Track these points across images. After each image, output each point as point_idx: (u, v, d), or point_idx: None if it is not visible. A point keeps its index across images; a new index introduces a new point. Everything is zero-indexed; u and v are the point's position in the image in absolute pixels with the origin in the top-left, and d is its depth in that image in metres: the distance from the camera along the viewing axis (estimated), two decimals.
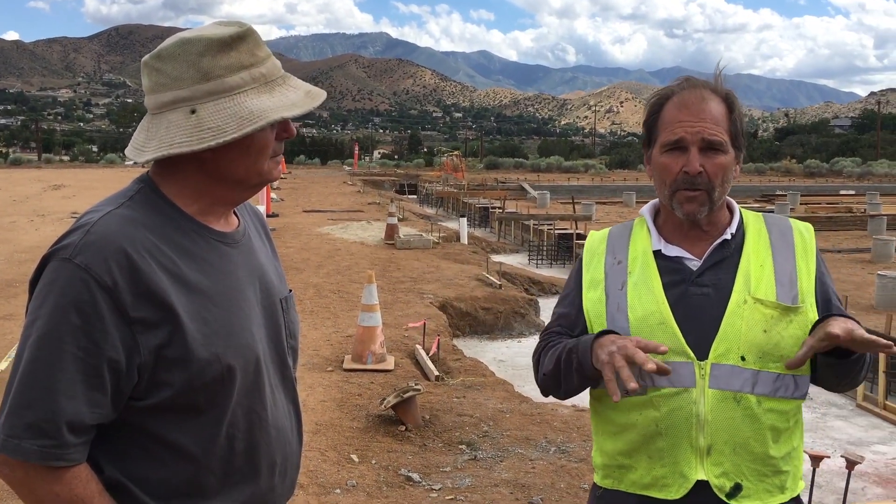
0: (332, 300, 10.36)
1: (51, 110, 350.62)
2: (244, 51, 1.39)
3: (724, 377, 1.67)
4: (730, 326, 1.68)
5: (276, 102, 1.39)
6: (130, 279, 1.30)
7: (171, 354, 1.33)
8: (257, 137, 1.40)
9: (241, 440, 1.45)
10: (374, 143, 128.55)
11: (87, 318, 1.27)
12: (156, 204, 1.41)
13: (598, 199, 32.39)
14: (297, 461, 1.62)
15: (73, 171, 45.28)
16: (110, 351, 1.29)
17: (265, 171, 1.45)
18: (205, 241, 1.44)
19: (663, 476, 1.72)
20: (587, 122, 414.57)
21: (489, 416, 6.00)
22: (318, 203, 25.97)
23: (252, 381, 1.46)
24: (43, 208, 22.05)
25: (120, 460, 1.37)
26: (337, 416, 5.81)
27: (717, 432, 1.67)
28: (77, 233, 1.32)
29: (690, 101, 1.72)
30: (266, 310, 1.53)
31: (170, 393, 1.34)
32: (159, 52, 1.40)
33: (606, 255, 1.86)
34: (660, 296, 1.73)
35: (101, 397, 1.29)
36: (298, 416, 1.63)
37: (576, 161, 61.79)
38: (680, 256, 1.78)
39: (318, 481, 4.66)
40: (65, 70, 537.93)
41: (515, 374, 9.09)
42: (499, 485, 4.76)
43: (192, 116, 1.36)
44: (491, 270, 12.98)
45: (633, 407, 1.74)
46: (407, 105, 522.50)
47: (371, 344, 7.24)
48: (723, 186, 1.73)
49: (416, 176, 47.13)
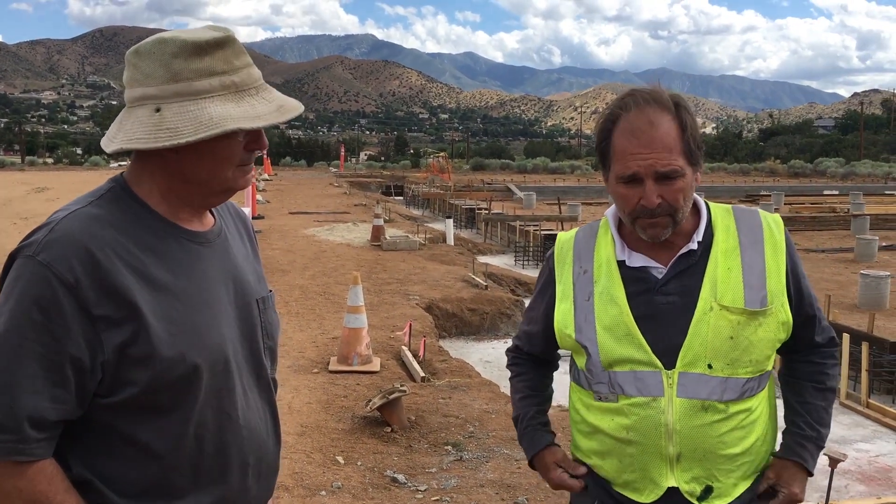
0: (318, 302, 10.33)
1: (34, 112, 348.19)
2: (219, 57, 1.39)
3: (691, 386, 1.68)
4: (695, 335, 1.68)
5: (239, 112, 1.38)
6: (93, 276, 1.31)
7: (135, 353, 1.34)
8: (219, 145, 1.39)
9: (211, 441, 1.45)
10: (360, 145, 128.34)
11: (49, 315, 1.29)
12: (125, 202, 1.42)
13: (584, 200, 32.44)
14: (273, 463, 1.61)
15: (57, 174, 44.97)
16: (72, 348, 1.30)
17: (228, 179, 1.45)
18: (174, 240, 1.44)
19: (633, 480, 1.75)
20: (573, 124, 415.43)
21: (475, 417, 6.00)
22: (304, 205, 25.90)
23: (221, 382, 1.45)
24: (26, 211, 21.88)
25: (88, 458, 1.37)
26: (322, 418, 5.79)
27: (686, 440, 1.68)
28: (42, 230, 1.35)
29: (639, 129, 1.65)
30: (240, 310, 1.53)
31: (135, 391, 1.35)
32: (138, 48, 1.42)
33: (574, 263, 1.84)
34: (624, 307, 1.72)
35: (63, 394, 1.30)
36: (275, 417, 1.63)
37: (562, 162, 61.88)
38: (645, 266, 1.75)
39: (304, 483, 4.65)
40: (48, 72, 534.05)
41: (501, 374, 9.09)
42: (484, 485, 4.76)
43: (155, 115, 1.37)
44: (477, 271, 12.99)
45: (605, 412, 1.76)
46: (393, 107, 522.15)
47: (357, 345, 7.22)
48: (686, 204, 1.70)
49: (402, 177, 47.08)
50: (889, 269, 13.21)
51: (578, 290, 1.80)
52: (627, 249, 1.78)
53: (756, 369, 1.71)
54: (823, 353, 1.85)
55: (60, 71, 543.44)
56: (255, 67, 1.45)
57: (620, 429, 1.73)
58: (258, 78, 1.44)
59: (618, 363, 1.72)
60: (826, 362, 1.85)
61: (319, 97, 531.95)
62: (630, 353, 1.71)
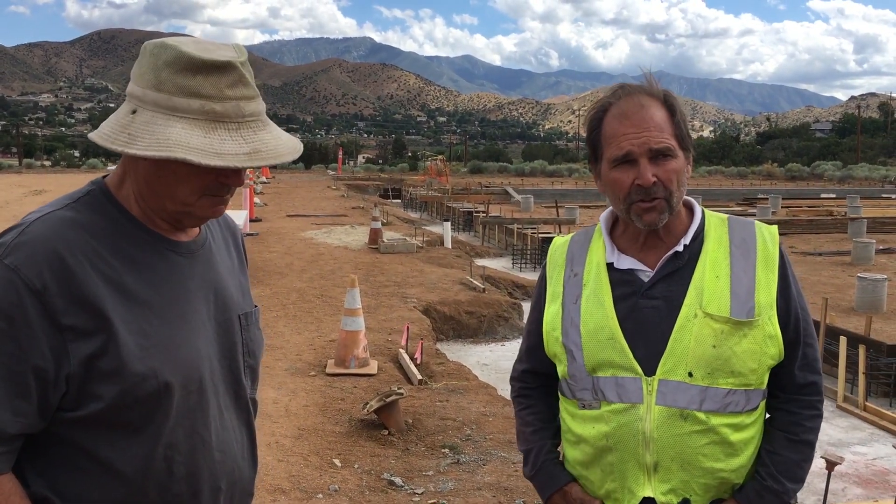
0: (316, 304, 10.32)
1: (32, 115, 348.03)
2: (210, 81, 1.29)
3: (670, 393, 1.64)
4: (677, 342, 1.65)
5: (200, 143, 1.26)
6: (63, 284, 1.24)
7: (103, 366, 1.27)
8: (173, 166, 1.30)
9: (181, 463, 1.37)
10: (358, 148, 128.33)
11: (13, 321, 1.22)
12: (104, 207, 1.35)
13: (582, 203, 32.46)
14: (248, 488, 1.54)
15: (54, 177, 44.94)
16: (37, 358, 1.23)
17: (190, 205, 1.35)
18: (153, 249, 1.37)
19: (614, 490, 1.73)
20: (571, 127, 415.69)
21: (472, 420, 6.00)
22: (302, 207, 25.90)
23: (195, 401, 1.38)
24: (23, 213, 21.75)
25: (48, 475, 1.30)
26: (320, 421, 5.78)
27: (664, 449, 1.65)
28: (12, 232, 1.27)
29: (630, 111, 1.66)
30: (220, 325, 1.46)
31: (101, 406, 1.28)
32: (147, 44, 1.39)
33: (566, 266, 1.83)
34: (609, 310, 1.71)
35: (25, 405, 1.23)
36: (252, 440, 1.56)
37: (559, 165, 61.88)
38: (632, 269, 1.73)
39: (301, 486, 4.64)
40: (46, 74, 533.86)
41: (499, 377, 9.08)
42: (482, 488, 4.76)
43: (129, 115, 1.31)
44: (475, 274, 12.98)
45: (587, 420, 1.74)
46: (391, 109, 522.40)
47: (354, 348, 7.22)
48: (679, 190, 1.68)
49: (400, 180, 47.06)
50: (886, 272, 13.24)
51: (567, 292, 1.79)
52: (617, 252, 1.76)
53: (740, 382, 1.64)
54: (801, 402, 1.73)
55: (58, 73, 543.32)
56: (256, 103, 1.34)
57: (601, 437, 1.70)
58: (251, 114, 1.33)
59: (601, 368, 1.70)
60: (803, 412, 1.72)
61: (317, 100, 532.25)
62: (612, 358, 1.68)
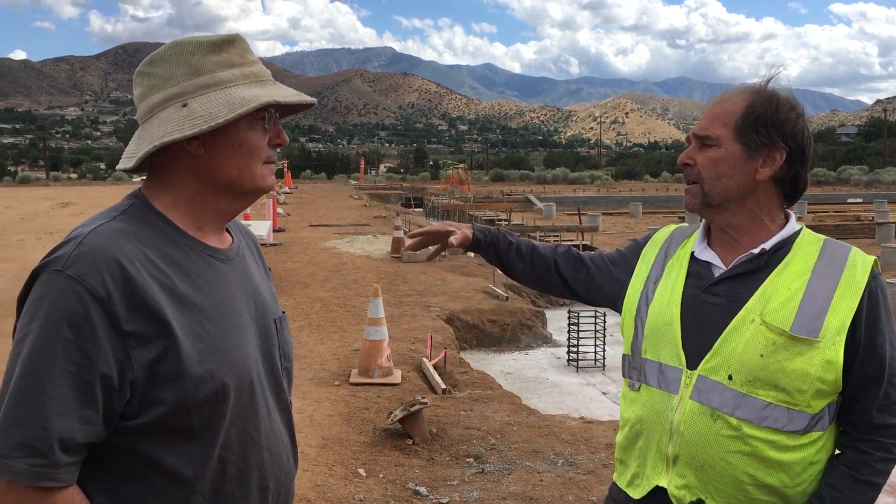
0: (339, 314, 10.35)
1: (59, 128, 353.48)
2: (234, 52, 1.42)
3: (706, 391, 1.63)
4: (726, 342, 1.63)
5: (266, 93, 1.41)
6: (124, 291, 1.26)
7: (164, 370, 1.28)
8: (248, 137, 1.40)
9: (234, 463, 1.39)
10: (379, 157, 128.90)
11: (80, 331, 1.23)
12: (148, 218, 1.39)
13: (605, 211, 32.36)
14: (291, 487, 1.57)
15: (80, 189, 45.51)
16: (103, 366, 1.24)
17: (258, 176, 1.44)
18: (198, 256, 1.41)
19: (637, 475, 1.75)
20: (593, 134, 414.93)
21: (497, 429, 5.98)
22: (325, 217, 26.02)
23: (246, 402, 1.41)
24: (51, 226, 22.15)
25: (110, 486, 1.31)
26: (344, 431, 5.79)
27: (685, 445, 1.65)
28: (68, 245, 1.29)
29: (712, 100, 1.76)
30: (260, 329, 1.50)
31: (162, 411, 1.29)
32: (151, 57, 1.42)
33: (661, 248, 1.88)
34: (676, 297, 1.73)
35: (93, 414, 1.24)
36: (293, 440, 1.59)
37: (582, 172, 61.82)
38: (710, 262, 1.75)
39: (326, 496, 4.65)
40: (72, 88, 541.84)
41: (523, 386, 9.06)
42: (507, 498, 4.74)
43: (183, 109, 1.36)
44: (497, 283, 12.96)
45: (630, 402, 1.79)
46: (412, 118, 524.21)
47: (378, 357, 7.22)
48: (717, 181, 1.68)
49: (421, 189, 47.19)
50: None
51: (652, 272, 1.84)
52: (705, 244, 1.79)
53: (782, 399, 1.58)
54: (876, 444, 1.63)
55: (84, 87, 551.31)
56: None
57: (637, 420, 1.75)
58: (270, 74, 1.48)
59: (651, 350, 1.74)
60: (874, 453, 1.62)
61: (339, 110, 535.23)
62: (663, 343, 1.71)
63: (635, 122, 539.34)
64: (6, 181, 55.41)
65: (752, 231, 1.71)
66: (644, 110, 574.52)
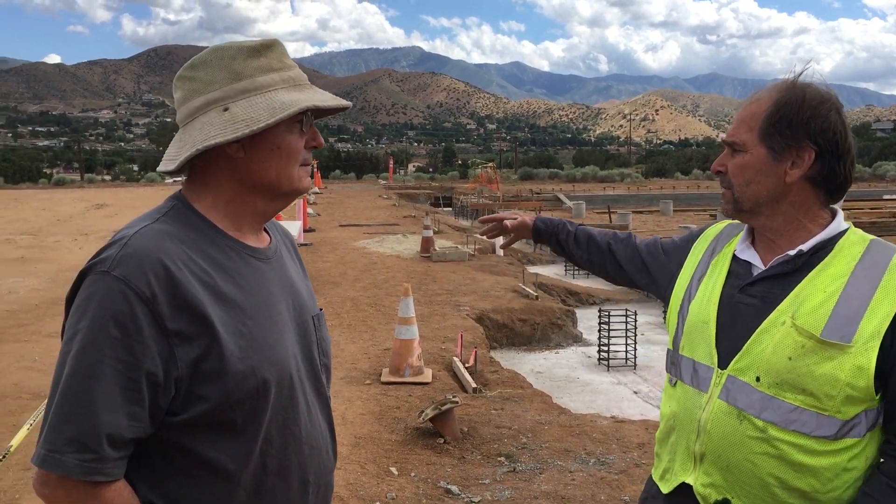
0: (370, 313, 10.40)
1: (92, 131, 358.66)
2: (273, 57, 1.46)
3: (734, 391, 1.63)
4: (755, 343, 1.62)
5: (306, 96, 1.45)
6: (168, 290, 1.30)
7: (207, 367, 1.32)
8: (287, 140, 1.44)
9: (275, 457, 1.43)
10: (408, 157, 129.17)
11: (127, 330, 1.27)
12: (189, 219, 1.42)
13: (635, 209, 32.11)
14: (330, 481, 1.61)
15: (114, 191, 46.14)
16: (149, 364, 1.28)
17: (295, 178, 1.48)
18: (238, 256, 1.44)
19: (668, 470, 1.78)
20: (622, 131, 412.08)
21: (528, 428, 5.98)
22: (354, 217, 26.13)
23: (286, 398, 1.44)
24: (86, 227, 22.50)
25: (155, 480, 1.35)
26: (376, 429, 5.83)
27: (711, 444, 1.65)
28: (114, 247, 1.33)
29: (744, 101, 1.74)
30: (299, 326, 1.53)
31: (206, 407, 1.33)
32: (192, 62, 1.46)
33: (710, 244, 1.88)
34: (714, 296, 1.73)
35: (139, 411, 1.28)
36: (333, 434, 1.62)
37: (611, 170, 61.35)
38: (749, 262, 1.74)
39: (359, 494, 4.68)
40: (105, 91, 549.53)
41: (553, 385, 9.04)
42: (538, 497, 4.74)
43: (224, 114, 1.40)
44: (527, 282, 12.94)
45: (668, 398, 1.82)
46: (441, 118, 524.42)
47: (408, 357, 7.26)
48: (746, 187, 1.66)
49: (450, 188, 47.16)
50: None
51: (699, 268, 1.85)
52: (747, 243, 1.78)
53: (810, 403, 1.55)
54: None
55: (117, 90, 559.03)
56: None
57: (671, 416, 1.77)
58: (306, 78, 1.51)
59: (687, 347, 1.75)
60: None
61: (368, 110, 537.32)
62: (699, 341, 1.72)
63: (665, 120, 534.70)
64: (42, 183, 56.35)
65: (790, 233, 1.68)
66: (674, 107, 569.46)
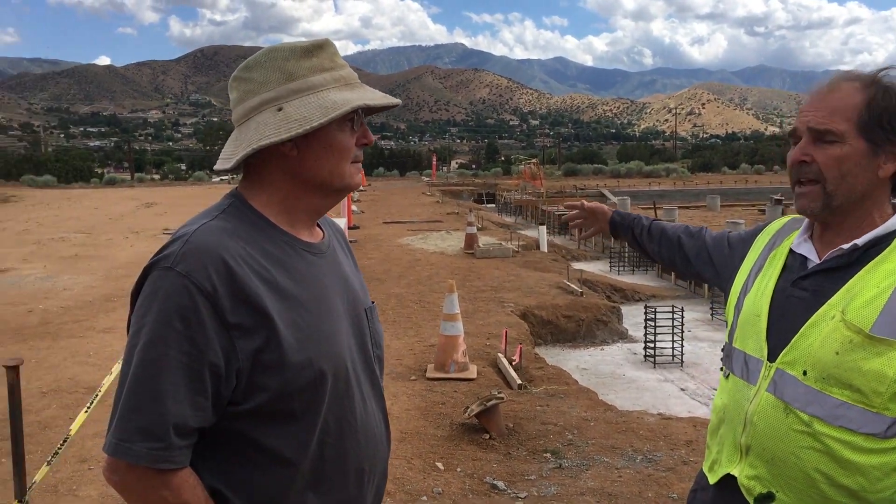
0: (414, 310, 10.46)
1: (141, 131, 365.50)
2: (324, 57, 1.50)
3: (781, 385, 1.61)
4: (804, 337, 1.60)
5: (357, 95, 1.48)
6: (228, 285, 1.34)
7: (266, 359, 1.36)
8: (338, 139, 1.48)
9: (332, 447, 1.47)
10: (451, 154, 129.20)
11: (190, 323, 1.31)
12: (246, 216, 1.47)
13: (681, 204, 31.74)
14: (385, 470, 1.65)
15: (163, 189, 47.02)
16: (211, 355, 1.33)
17: (346, 175, 1.51)
18: (293, 251, 1.49)
19: (716, 461, 1.77)
20: (668, 126, 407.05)
21: (573, 425, 5.96)
22: (398, 214, 26.26)
23: (343, 388, 1.48)
24: (137, 225, 22.98)
25: (219, 467, 1.40)
26: (421, 425, 5.87)
27: (757, 436, 1.64)
28: (176, 243, 1.38)
29: (816, 90, 1.64)
30: (353, 318, 1.57)
31: (266, 397, 1.38)
32: (247, 63, 1.50)
33: (770, 238, 1.86)
34: (768, 289, 1.71)
35: (203, 401, 1.33)
36: (387, 424, 1.66)
37: (656, 165, 60.67)
38: (805, 256, 1.71)
39: (405, 489, 4.73)
40: (154, 92, 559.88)
41: (599, 382, 9.00)
42: (585, 493, 4.73)
43: (278, 113, 1.44)
44: (572, 278, 12.89)
45: (721, 390, 1.81)
46: (483, 114, 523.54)
47: (453, 353, 7.29)
48: (842, 181, 1.59)
49: (493, 185, 47.13)
50: None
51: (757, 262, 1.83)
52: (804, 237, 1.74)
53: (857, 399, 1.52)
54: None
55: (165, 90, 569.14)
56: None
57: (721, 408, 1.77)
58: (357, 77, 1.54)
59: (739, 340, 1.74)
60: None
61: (410, 107, 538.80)
62: (750, 334, 1.71)
63: (712, 113, 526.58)
64: (94, 183, 57.70)
65: (859, 228, 1.64)
66: (721, 100, 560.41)
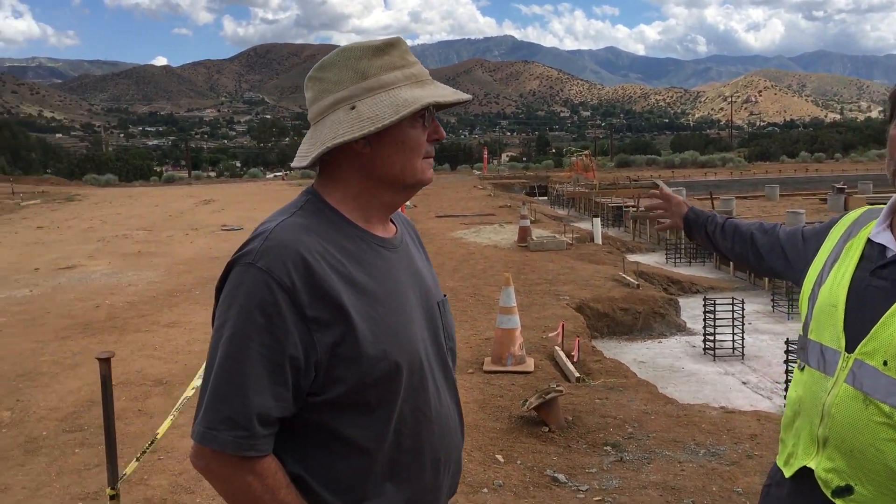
0: (469, 303, 10.48)
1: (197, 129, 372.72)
2: (396, 55, 1.52)
3: (860, 376, 1.57)
4: (884, 327, 1.56)
5: (428, 93, 1.50)
6: (307, 281, 1.38)
7: (343, 352, 1.40)
8: (410, 135, 1.50)
9: (408, 437, 1.51)
10: (501, 147, 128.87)
11: (271, 317, 1.36)
12: (322, 212, 1.51)
13: (738, 194, 31.14)
14: (460, 459, 1.67)
15: (220, 187, 47.87)
16: (291, 348, 1.37)
17: (419, 170, 1.54)
18: (368, 246, 1.52)
19: (791, 454, 1.73)
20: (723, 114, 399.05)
21: (633, 418, 5.91)
22: (450, 208, 26.31)
23: (418, 379, 1.52)
24: (196, 222, 23.45)
25: (300, 455, 1.45)
26: (480, 418, 5.89)
27: (835, 428, 1.59)
28: (257, 240, 1.43)
29: None
30: (426, 312, 1.60)
31: (343, 389, 1.42)
32: (321, 63, 1.54)
33: (846, 230, 1.82)
34: (845, 280, 1.67)
35: (284, 392, 1.38)
36: (461, 414, 1.69)
37: (712, 155, 59.63)
38: (884, 245, 1.67)
39: (466, 481, 4.75)
40: (209, 91, 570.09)
41: (657, 375, 8.91)
42: (647, 487, 4.69)
43: (351, 112, 1.47)
44: (627, 270, 12.76)
45: (795, 383, 1.78)
46: (534, 106, 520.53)
47: (510, 346, 7.28)
48: None
49: (545, 177, 46.89)
50: None
51: (832, 253, 1.79)
52: (883, 226, 1.70)
53: None
54: None
55: (220, 89, 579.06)
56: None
57: (796, 400, 1.73)
58: (428, 73, 1.56)
59: (815, 331, 1.70)
60: None
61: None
62: (826, 325, 1.67)
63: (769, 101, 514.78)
64: (153, 181, 59.09)
65: None
66: (779, 87, 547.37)
